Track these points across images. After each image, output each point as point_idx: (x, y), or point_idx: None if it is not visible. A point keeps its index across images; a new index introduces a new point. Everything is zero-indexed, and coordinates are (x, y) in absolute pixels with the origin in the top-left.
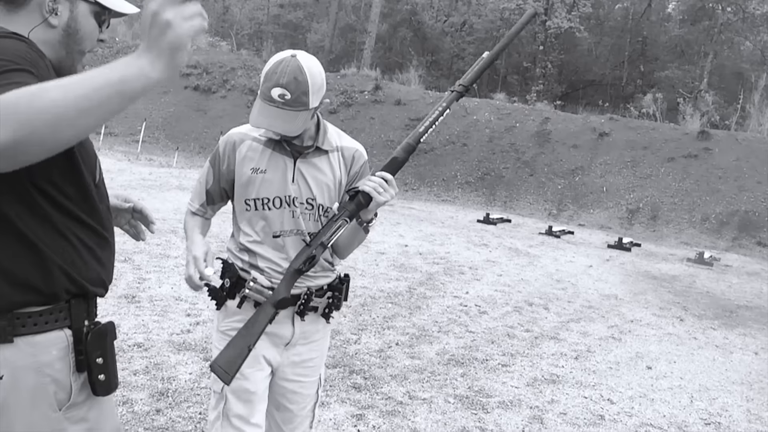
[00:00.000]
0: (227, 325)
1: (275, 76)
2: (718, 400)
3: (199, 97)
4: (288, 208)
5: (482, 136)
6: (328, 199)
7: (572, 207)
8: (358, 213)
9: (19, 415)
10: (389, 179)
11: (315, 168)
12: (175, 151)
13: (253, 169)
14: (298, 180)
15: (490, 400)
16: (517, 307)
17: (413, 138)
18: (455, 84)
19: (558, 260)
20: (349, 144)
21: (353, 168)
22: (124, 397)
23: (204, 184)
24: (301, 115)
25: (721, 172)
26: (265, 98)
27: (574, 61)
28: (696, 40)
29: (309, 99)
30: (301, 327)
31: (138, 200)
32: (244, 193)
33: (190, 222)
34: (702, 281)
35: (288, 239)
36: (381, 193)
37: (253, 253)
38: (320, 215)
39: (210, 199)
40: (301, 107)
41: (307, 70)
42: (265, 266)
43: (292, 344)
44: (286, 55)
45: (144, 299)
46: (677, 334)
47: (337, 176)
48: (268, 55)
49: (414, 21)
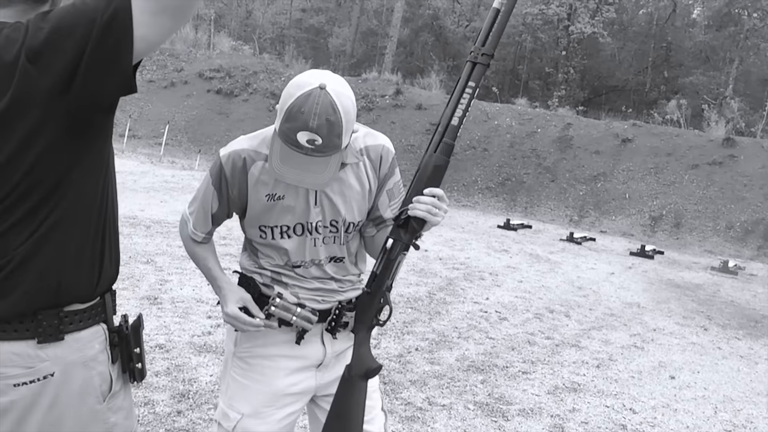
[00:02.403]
0: (247, 351)
1: (302, 117)
2: (743, 412)
3: (222, 100)
4: (309, 236)
5: (503, 142)
6: (357, 212)
7: (594, 213)
8: (413, 240)
9: (70, 409)
10: (440, 195)
11: (342, 184)
12: (198, 153)
13: (269, 196)
14: (321, 202)
15: (510, 407)
16: (538, 314)
17: (450, 136)
18: (474, 53)
19: (579, 267)
20: (373, 142)
21: (382, 169)
22: (146, 398)
23: (208, 210)
24: (334, 159)
25: (747, 180)
26: (288, 141)
27: (596, 66)
28: (721, 46)
29: (342, 140)
30: (333, 346)
31: None
32: (258, 219)
33: (199, 253)
34: (726, 290)
35: (310, 269)
36: (436, 214)
37: (275, 271)
38: (346, 234)
39: (216, 223)
40: (334, 151)
41: (341, 106)
42: (291, 282)
43: (325, 365)
44: (312, 87)
45: (166, 301)
46: (701, 344)
47: (365, 186)
48: (290, 60)
49: (435, 26)
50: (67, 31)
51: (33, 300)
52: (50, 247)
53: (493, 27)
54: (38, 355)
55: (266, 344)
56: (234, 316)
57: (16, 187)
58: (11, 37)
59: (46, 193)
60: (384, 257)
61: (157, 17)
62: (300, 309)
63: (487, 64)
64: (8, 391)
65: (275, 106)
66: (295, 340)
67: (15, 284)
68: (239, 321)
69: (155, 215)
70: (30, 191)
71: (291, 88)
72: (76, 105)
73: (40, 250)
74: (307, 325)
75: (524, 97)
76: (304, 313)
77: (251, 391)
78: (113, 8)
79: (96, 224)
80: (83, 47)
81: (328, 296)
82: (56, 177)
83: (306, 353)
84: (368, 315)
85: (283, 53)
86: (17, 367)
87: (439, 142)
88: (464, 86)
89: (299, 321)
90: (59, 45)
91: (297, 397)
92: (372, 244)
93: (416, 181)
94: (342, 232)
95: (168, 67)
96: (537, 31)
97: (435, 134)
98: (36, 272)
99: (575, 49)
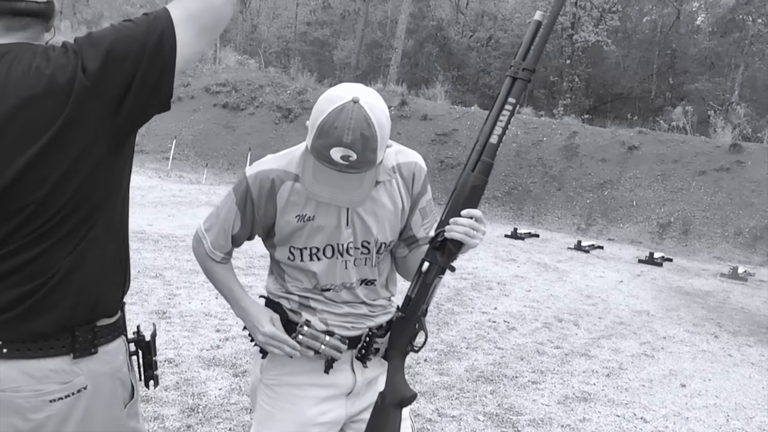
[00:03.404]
0: (275, 378)
1: (335, 132)
2: (755, 419)
3: (228, 114)
4: (340, 258)
5: (509, 151)
6: (389, 232)
7: (601, 221)
8: (449, 263)
9: (99, 418)
10: (478, 216)
11: (372, 202)
12: (205, 167)
13: (299, 217)
14: (353, 222)
15: (520, 418)
16: (547, 323)
17: (488, 154)
18: (514, 68)
19: (588, 275)
20: (405, 159)
21: (415, 186)
22: (155, 413)
23: (228, 230)
24: (369, 176)
25: (755, 186)
26: (321, 158)
27: (601, 74)
28: (726, 52)
29: (377, 155)
30: (363, 374)
31: None
32: (287, 240)
33: (219, 272)
34: (736, 297)
35: (340, 293)
36: (474, 237)
37: (303, 296)
38: (378, 255)
39: (235, 243)
40: (369, 167)
41: (375, 120)
42: (320, 307)
43: (356, 393)
44: (345, 101)
45: (174, 315)
46: (712, 351)
47: (398, 205)
48: (296, 73)
49: (440, 37)
50: (121, 56)
51: (74, 315)
52: (89, 262)
53: (535, 40)
54: (73, 370)
55: (294, 372)
56: (272, 335)
57: (65, 205)
58: (59, 62)
59: (89, 210)
60: (419, 280)
61: (197, 38)
62: (328, 338)
63: (528, 79)
64: (44, 407)
65: (281, 119)
66: (323, 369)
67: (58, 299)
68: (278, 340)
69: (163, 230)
70: (77, 208)
71: (322, 104)
72: (121, 125)
73: (80, 265)
74: (336, 354)
75: (529, 106)
76: (333, 342)
77: (279, 420)
78: (160, 32)
79: (121, 239)
80: (134, 71)
81: (357, 322)
82: (98, 195)
83: (335, 381)
84: (402, 341)
85: (288, 66)
86: (54, 383)
87: (476, 161)
88: (503, 102)
89: (327, 350)
90: (114, 69)
91: (326, 427)
92: (404, 265)
93: (453, 201)
94: (374, 253)
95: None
96: None
97: (473, 152)
98: (77, 287)
99: (580, 57)
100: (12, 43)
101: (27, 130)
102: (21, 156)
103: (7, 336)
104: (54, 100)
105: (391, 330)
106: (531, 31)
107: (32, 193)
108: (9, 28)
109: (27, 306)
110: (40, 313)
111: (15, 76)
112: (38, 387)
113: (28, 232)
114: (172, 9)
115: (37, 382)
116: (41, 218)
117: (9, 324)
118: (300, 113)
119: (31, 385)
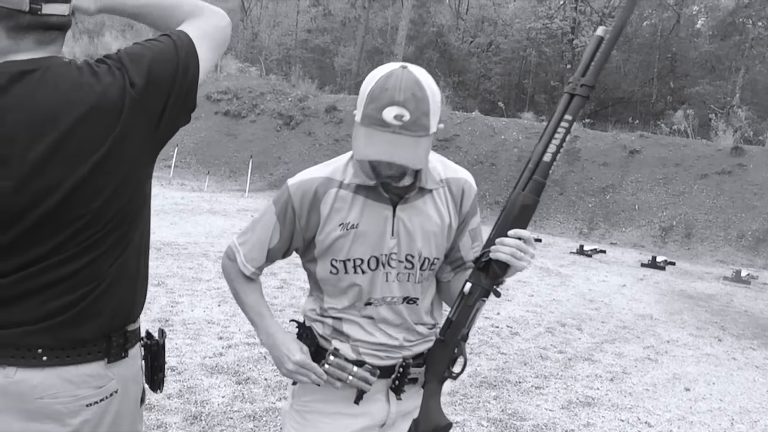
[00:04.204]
0: (305, 405)
1: (387, 93)
2: (760, 423)
3: (229, 122)
4: (382, 269)
5: (510, 156)
6: (435, 248)
7: (603, 225)
8: (494, 286)
9: (126, 420)
10: (526, 237)
11: (419, 213)
12: (206, 175)
13: (343, 225)
14: (399, 232)
15: (524, 423)
16: (550, 328)
17: (541, 173)
18: (572, 84)
19: (590, 280)
20: (455, 174)
21: (464, 205)
22: (158, 421)
23: (265, 243)
24: (423, 143)
25: (757, 188)
26: (373, 122)
27: (602, 78)
28: (727, 56)
29: (430, 122)
30: (398, 406)
31: None
32: (329, 253)
33: (248, 294)
34: (740, 300)
35: (380, 309)
36: (521, 258)
37: (337, 318)
38: (422, 272)
39: (270, 258)
40: (422, 132)
41: (426, 85)
42: (351, 333)
43: (389, 425)
44: (394, 68)
45: (177, 323)
46: (715, 355)
47: (445, 220)
48: (297, 80)
49: (440, 43)
50: (159, 76)
51: (113, 322)
52: (127, 271)
53: (595, 56)
54: (107, 375)
55: (325, 399)
56: (303, 364)
57: (114, 216)
58: (107, 78)
59: (131, 221)
60: (461, 303)
61: (211, 53)
62: (356, 368)
63: (586, 96)
64: (81, 411)
65: (282, 126)
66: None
67: (102, 307)
68: (308, 368)
69: (165, 237)
70: (124, 219)
71: (370, 77)
72: (159, 139)
73: (122, 274)
74: (365, 386)
75: (530, 111)
76: (361, 373)
77: None
78: (185, 53)
79: (146, 248)
80: (170, 90)
81: (392, 352)
82: (138, 206)
83: (368, 411)
84: (440, 366)
85: (289, 74)
86: (90, 387)
87: (528, 179)
88: (560, 119)
89: (355, 381)
90: (154, 87)
91: None
92: (448, 291)
93: (501, 221)
94: (417, 269)
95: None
96: (541, 45)
97: (525, 171)
98: (119, 294)
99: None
100: (46, 58)
101: (85, 143)
102: (81, 167)
103: (48, 343)
104: (108, 115)
105: (429, 353)
106: (592, 46)
107: (89, 203)
108: (40, 42)
109: (75, 313)
110: (86, 320)
111: (65, 91)
112: (76, 392)
113: (82, 240)
114: (188, 29)
115: (76, 387)
116: (93, 228)
117: (53, 331)
118: (301, 120)
119: (69, 391)
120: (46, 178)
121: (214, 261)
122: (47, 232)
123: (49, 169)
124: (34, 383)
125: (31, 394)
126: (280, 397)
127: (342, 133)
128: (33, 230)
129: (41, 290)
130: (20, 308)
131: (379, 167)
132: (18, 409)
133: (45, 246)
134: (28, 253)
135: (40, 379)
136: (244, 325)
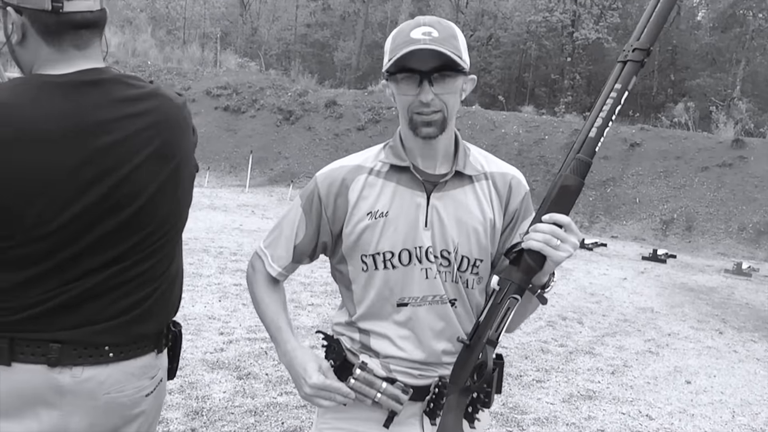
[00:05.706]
0: (327, 423)
1: (411, 23)
2: (761, 415)
3: (229, 117)
4: (419, 264)
5: (511, 150)
6: (476, 247)
7: (604, 219)
8: (529, 282)
9: (161, 404)
10: (565, 223)
11: (456, 203)
12: (207, 170)
13: (371, 214)
14: (432, 223)
15: (525, 416)
16: (551, 322)
17: (586, 151)
18: (625, 51)
19: (591, 273)
20: (500, 169)
21: (512, 202)
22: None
23: (291, 238)
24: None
25: (757, 181)
26: (403, 45)
27: (602, 71)
28: (727, 48)
29: (459, 47)
30: (433, 430)
31: None
32: (357, 248)
33: (271, 308)
34: (741, 293)
35: (419, 309)
36: (558, 247)
37: (365, 330)
38: (460, 272)
39: (297, 258)
40: (454, 50)
41: (448, 23)
42: (380, 348)
43: None
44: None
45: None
46: (717, 348)
47: (488, 215)
48: (296, 75)
49: None
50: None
51: (168, 316)
52: (179, 268)
53: (652, 17)
54: (156, 365)
55: (352, 419)
56: (322, 386)
57: (174, 224)
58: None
59: (181, 226)
60: (490, 301)
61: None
62: (386, 385)
63: (641, 60)
64: (141, 402)
65: (282, 121)
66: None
67: (164, 303)
68: (329, 390)
69: None
70: (180, 226)
71: (393, 31)
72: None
73: (177, 273)
74: (396, 406)
75: (531, 105)
76: (391, 391)
77: None
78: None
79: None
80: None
81: (426, 370)
82: (186, 210)
83: None
84: (462, 374)
85: (289, 68)
86: (147, 378)
87: (572, 159)
88: (610, 89)
89: (384, 400)
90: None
91: None
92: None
93: (541, 206)
94: (455, 269)
95: (175, 85)
96: (542, 39)
97: (571, 150)
98: (174, 291)
99: (580, 55)
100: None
101: (160, 157)
102: (158, 176)
103: (115, 340)
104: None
105: (455, 361)
106: (650, 6)
107: (157, 211)
108: (77, 46)
109: (142, 310)
110: (151, 316)
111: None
112: (137, 384)
113: (150, 244)
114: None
115: (137, 379)
116: (158, 234)
117: (121, 328)
118: (301, 115)
119: (132, 383)
120: (134, 184)
121: (214, 256)
122: (126, 234)
123: (135, 175)
124: (102, 379)
125: (99, 390)
126: (281, 392)
127: (342, 127)
128: (114, 232)
129: (114, 289)
130: (91, 307)
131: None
132: (87, 407)
133: (122, 247)
134: (106, 253)
135: (107, 375)
136: (244, 320)
